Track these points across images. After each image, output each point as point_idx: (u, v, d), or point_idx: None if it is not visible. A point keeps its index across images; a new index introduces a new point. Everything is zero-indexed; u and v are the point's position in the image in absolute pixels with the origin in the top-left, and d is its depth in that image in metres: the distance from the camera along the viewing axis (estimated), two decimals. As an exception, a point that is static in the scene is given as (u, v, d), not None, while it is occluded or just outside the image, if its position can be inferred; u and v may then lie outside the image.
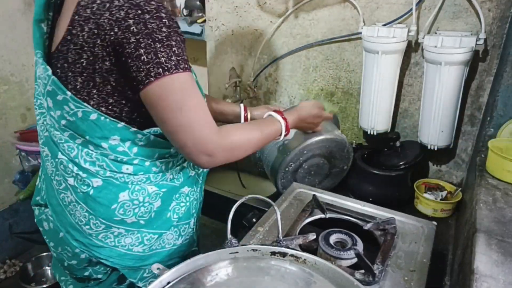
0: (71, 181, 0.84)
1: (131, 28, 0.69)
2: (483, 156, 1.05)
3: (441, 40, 1.11)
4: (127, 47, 0.70)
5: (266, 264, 0.69)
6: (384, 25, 1.25)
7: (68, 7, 0.78)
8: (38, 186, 1.00)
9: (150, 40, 0.69)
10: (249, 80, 1.60)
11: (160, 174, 0.88)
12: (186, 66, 0.73)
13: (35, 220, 1.01)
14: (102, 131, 0.79)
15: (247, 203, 1.11)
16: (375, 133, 1.32)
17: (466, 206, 1.06)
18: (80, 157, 0.82)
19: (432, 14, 1.18)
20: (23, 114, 1.89)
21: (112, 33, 0.70)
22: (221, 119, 1.18)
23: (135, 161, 0.84)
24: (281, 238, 0.77)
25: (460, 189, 1.22)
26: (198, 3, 1.69)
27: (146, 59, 0.70)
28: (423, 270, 0.80)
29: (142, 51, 0.69)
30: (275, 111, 1.03)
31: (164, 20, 0.71)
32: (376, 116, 1.29)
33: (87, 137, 0.80)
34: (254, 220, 1.17)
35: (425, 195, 1.23)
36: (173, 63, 0.71)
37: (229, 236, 0.74)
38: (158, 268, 0.66)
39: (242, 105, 1.18)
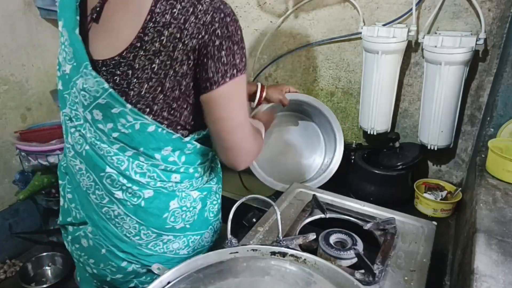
0: (119, 194, 0.83)
1: (217, 32, 0.72)
2: (483, 156, 1.05)
3: (441, 40, 1.11)
4: (210, 49, 0.73)
5: (266, 264, 0.69)
6: (384, 25, 1.25)
7: (121, 17, 0.76)
8: (64, 206, 0.96)
9: (230, 42, 0.74)
10: (249, 80, 1.60)
11: (200, 178, 0.91)
12: (246, 67, 0.79)
13: (70, 237, 0.97)
14: (158, 142, 0.80)
15: (247, 203, 1.11)
16: (375, 133, 1.32)
17: (466, 206, 1.06)
18: (131, 169, 0.82)
19: (432, 14, 1.18)
20: (23, 114, 1.89)
21: (200, 36, 0.72)
22: None
23: (182, 169, 0.86)
24: (281, 238, 0.77)
25: (460, 189, 1.22)
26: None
27: (225, 61, 0.74)
28: (423, 270, 0.80)
29: (223, 53, 0.73)
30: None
31: (238, 23, 0.75)
32: (376, 116, 1.29)
33: (141, 149, 0.80)
34: (254, 220, 1.17)
35: (425, 195, 1.23)
36: (243, 64, 0.76)
37: (229, 236, 0.74)
38: (158, 268, 0.66)
39: (259, 85, 1.25)
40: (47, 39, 1.89)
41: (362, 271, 0.78)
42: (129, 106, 0.76)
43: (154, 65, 0.74)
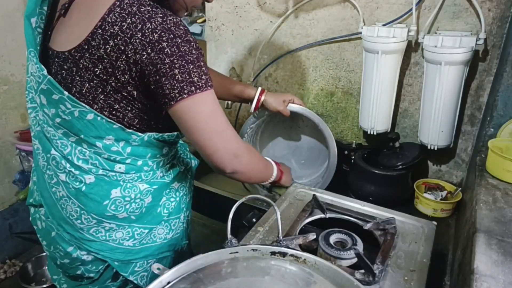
0: (62, 177, 0.86)
1: (165, 50, 0.73)
2: (483, 156, 1.05)
3: (441, 40, 1.11)
4: (161, 67, 0.74)
5: (266, 264, 0.69)
6: (384, 25, 1.25)
7: (80, 14, 0.80)
8: (30, 188, 1.01)
9: (184, 61, 0.75)
10: (249, 80, 1.60)
11: (151, 172, 0.91)
12: (211, 83, 0.80)
13: (30, 218, 1.03)
14: (98, 130, 0.81)
15: (247, 203, 1.11)
16: (375, 133, 1.32)
17: (466, 206, 1.06)
18: (73, 154, 0.84)
19: (432, 14, 1.18)
20: (23, 114, 1.89)
21: (144, 53, 0.73)
22: (232, 99, 1.32)
23: (128, 161, 0.87)
24: (281, 238, 0.77)
25: (460, 189, 1.22)
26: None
27: (180, 78, 0.75)
28: (423, 270, 0.80)
29: (176, 71, 0.75)
30: (275, 162, 1.13)
31: (192, 44, 0.77)
32: (376, 116, 1.29)
33: (82, 136, 0.82)
34: (254, 220, 1.17)
35: (425, 195, 1.23)
36: (203, 81, 0.78)
37: (229, 236, 0.74)
38: (158, 268, 0.66)
39: (259, 89, 1.27)
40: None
41: (362, 271, 0.78)
42: (66, 93, 0.79)
43: (96, 69, 0.77)
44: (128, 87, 0.79)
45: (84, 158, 0.84)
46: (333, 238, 0.86)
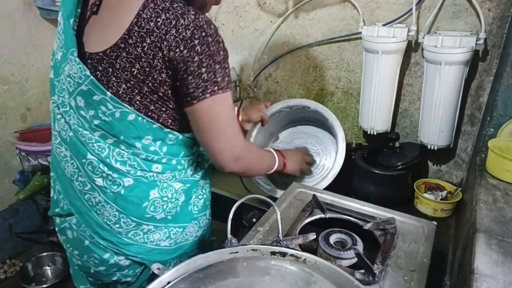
0: (99, 181, 0.85)
1: (196, 48, 0.74)
2: (483, 156, 1.05)
3: (441, 40, 1.11)
4: (190, 65, 0.74)
5: (266, 264, 0.69)
6: (384, 25, 1.25)
7: (113, 11, 0.79)
8: (53, 197, 0.98)
9: (211, 61, 0.76)
10: (249, 80, 1.60)
11: (183, 171, 0.92)
12: (230, 86, 0.82)
13: (57, 229, 1.00)
14: (138, 131, 0.81)
15: (247, 203, 1.11)
16: (375, 133, 1.32)
17: (466, 206, 1.06)
18: (111, 157, 0.83)
19: (432, 14, 1.18)
20: (23, 114, 1.89)
21: (177, 50, 0.73)
22: None
23: (164, 160, 0.87)
24: (281, 238, 0.77)
25: (460, 189, 1.22)
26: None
27: (206, 78, 0.76)
28: (423, 270, 0.80)
29: (203, 70, 0.75)
30: (276, 151, 1.13)
31: (221, 45, 0.78)
32: (376, 116, 1.29)
33: (122, 137, 0.82)
34: (254, 220, 1.17)
35: (425, 195, 1.23)
36: (226, 83, 0.79)
37: (229, 236, 0.74)
38: (158, 268, 0.66)
39: (236, 108, 1.23)
40: (47, 39, 1.89)
41: (362, 271, 0.78)
42: (109, 93, 0.78)
43: (134, 69, 0.76)
44: (164, 87, 0.79)
45: (122, 160, 0.84)
46: (333, 238, 0.86)
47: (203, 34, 0.74)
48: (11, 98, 1.83)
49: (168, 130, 0.84)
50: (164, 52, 0.74)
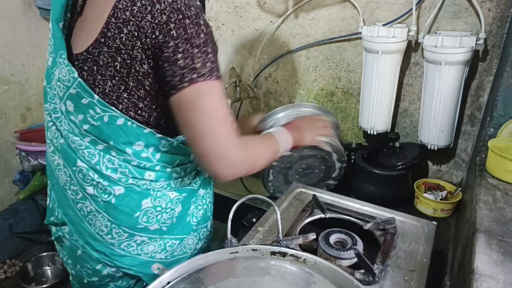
0: (90, 190, 0.82)
1: (172, 32, 0.69)
2: (483, 156, 1.05)
3: (441, 40, 1.11)
4: (165, 51, 0.70)
5: (266, 264, 0.69)
6: (384, 25, 1.25)
7: (95, 9, 0.77)
8: (49, 206, 0.96)
9: (188, 45, 0.70)
10: (249, 80, 1.60)
11: (179, 179, 0.88)
12: (218, 74, 0.74)
13: (53, 238, 0.98)
14: (128, 136, 0.78)
15: (247, 203, 1.11)
16: (375, 133, 1.32)
17: (466, 206, 1.06)
18: (102, 163, 0.80)
19: (432, 14, 1.18)
20: (23, 114, 1.89)
21: (153, 36, 0.69)
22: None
23: (157, 167, 0.83)
24: (281, 238, 0.77)
25: (460, 189, 1.22)
26: (198, 3, 1.68)
27: (182, 64, 0.70)
28: (423, 270, 0.80)
29: (179, 55, 0.70)
30: (278, 128, 1.00)
31: (202, 27, 0.71)
32: (376, 116, 1.29)
33: (111, 143, 0.78)
34: (254, 220, 1.17)
35: (425, 195, 1.23)
36: (208, 69, 0.72)
37: (229, 236, 0.74)
38: (158, 268, 0.66)
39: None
40: (47, 39, 1.89)
41: (362, 271, 0.78)
42: (96, 97, 0.75)
43: (116, 63, 0.73)
44: (149, 79, 0.74)
45: (113, 167, 0.80)
46: (333, 238, 0.86)
47: (180, 17, 0.69)
48: (11, 98, 1.82)
49: (161, 135, 0.80)
50: (142, 41, 0.70)
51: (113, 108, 0.76)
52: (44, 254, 1.93)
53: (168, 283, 0.63)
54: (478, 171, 0.98)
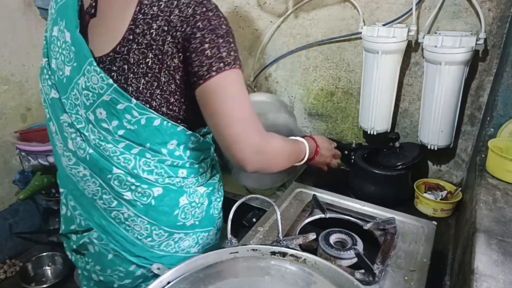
0: (128, 195, 0.82)
1: (198, 24, 0.72)
2: (483, 156, 1.05)
3: (441, 40, 1.11)
4: (193, 42, 0.72)
5: (266, 264, 0.69)
6: (384, 25, 1.25)
7: (113, 7, 0.77)
8: (67, 214, 0.93)
9: (214, 35, 0.72)
10: (249, 80, 1.60)
11: (204, 174, 0.91)
12: (240, 63, 0.77)
13: (74, 246, 0.94)
14: (163, 136, 0.79)
15: (247, 203, 1.11)
16: (375, 133, 1.32)
17: (466, 206, 1.06)
18: (138, 167, 0.80)
19: (432, 14, 1.18)
20: (23, 114, 1.89)
21: (182, 29, 0.72)
22: None
23: (187, 164, 0.86)
24: (281, 238, 0.77)
25: (460, 189, 1.22)
26: None
27: (209, 54, 0.72)
28: (423, 270, 0.80)
29: (206, 45, 0.72)
30: (303, 136, 1.02)
31: (222, 19, 0.75)
32: (376, 116, 1.29)
33: (148, 145, 0.79)
34: (254, 220, 1.17)
35: (425, 195, 1.23)
36: (232, 58, 0.74)
37: (229, 236, 0.74)
38: (158, 268, 0.66)
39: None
40: (47, 39, 1.89)
41: (362, 271, 0.78)
42: (134, 100, 0.75)
43: (148, 59, 0.74)
44: (179, 73, 0.75)
45: (149, 169, 0.81)
46: (333, 238, 0.86)
47: (204, 9, 0.72)
48: (11, 98, 1.82)
49: (190, 132, 0.82)
50: (172, 35, 0.72)
51: (150, 110, 0.76)
52: (44, 254, 1.93)
53: (168, 283, 0.63)
54: (478, 171, 0.99)
